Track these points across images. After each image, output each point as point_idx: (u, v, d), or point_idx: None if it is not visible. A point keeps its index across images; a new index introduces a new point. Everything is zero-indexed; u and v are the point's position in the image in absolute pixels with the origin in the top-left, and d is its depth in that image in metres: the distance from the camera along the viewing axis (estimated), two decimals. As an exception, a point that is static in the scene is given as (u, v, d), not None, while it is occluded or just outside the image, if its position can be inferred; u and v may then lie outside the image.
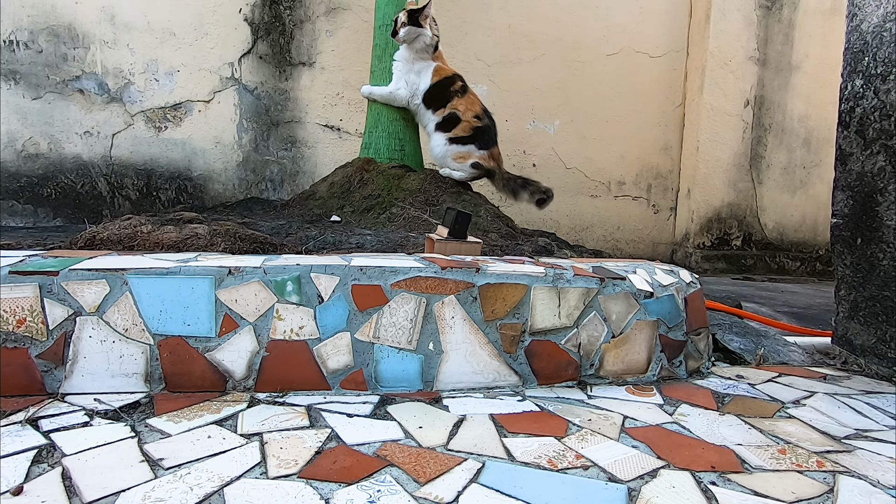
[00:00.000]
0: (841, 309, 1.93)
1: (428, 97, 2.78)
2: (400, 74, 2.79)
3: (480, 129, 2.81)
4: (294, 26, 4.01)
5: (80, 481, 0.88)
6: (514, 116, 4.56)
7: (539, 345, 1.45)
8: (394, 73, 2.80)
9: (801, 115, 5.02)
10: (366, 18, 3.97)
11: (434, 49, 2.83)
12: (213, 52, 3.87)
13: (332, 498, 0.88)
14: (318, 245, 2.02)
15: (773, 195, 5.04)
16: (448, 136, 2.75)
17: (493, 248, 2.26)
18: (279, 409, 1.22)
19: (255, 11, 3.94)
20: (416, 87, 2.78)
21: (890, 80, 1.75)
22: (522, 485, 0.95)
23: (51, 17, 3.63)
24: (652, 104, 4.88)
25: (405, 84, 2.78)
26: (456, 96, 2.79)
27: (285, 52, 3.98)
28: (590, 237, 4.87)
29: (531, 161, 4.64)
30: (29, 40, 3.61)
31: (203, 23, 3.87)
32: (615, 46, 4.73)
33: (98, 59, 3.73)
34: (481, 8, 4.39)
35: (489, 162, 2.82)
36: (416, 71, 2.78)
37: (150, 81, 3.82)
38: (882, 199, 1.76)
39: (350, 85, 4.11)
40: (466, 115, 2.77)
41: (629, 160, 4.90)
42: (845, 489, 1.00)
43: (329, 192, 2.84)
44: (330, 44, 4.08)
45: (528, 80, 4.55)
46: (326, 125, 4.12)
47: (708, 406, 1.40)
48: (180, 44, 3.84)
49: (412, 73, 2.78)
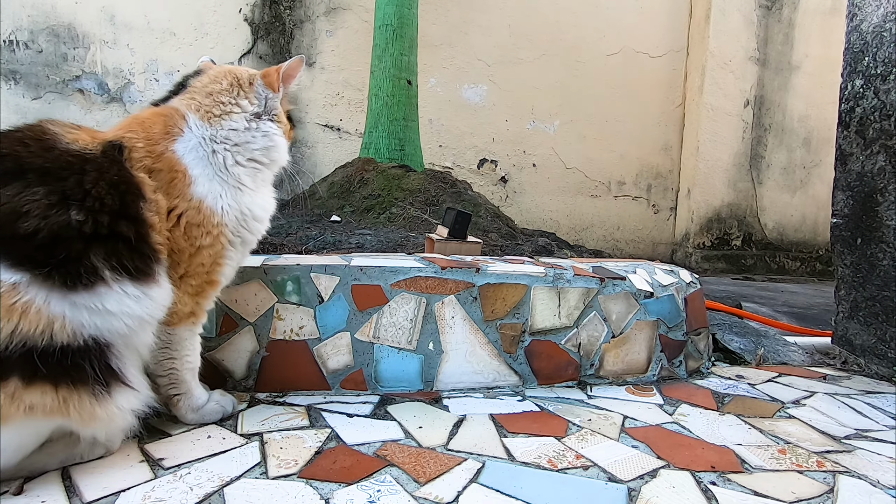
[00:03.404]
0: (841, 309, 1.93)
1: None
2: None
3: None
4: (294, 26, 4.01)
5: (79, 481, 0.88)
6: (514, 116, 4.56)
7: (539, 345, 1.45)
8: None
9: (801, 115, 5.02)
10: (366, 18, 3.97)
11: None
12: (213, 52, 3.87)
13: (332, 498, 0.88)
14: (318, 245, 2.02)
15: (773, 195, 5.04)
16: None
17: (493, 248, 2.26)
18: (279, 408, 1.22)
19: (255, 11, 3.94)
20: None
21: (890, 80, 1.75)
22: (522, 485, 0.95)
23: (51, 17, 3.63)
24: (652, 104, 4.88)
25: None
26: None
27: (285, 52, 3.98)
28: (590, 237, 4.87)
29: (531, 161, 4.64)
30: (29, 40, 3.61)
31: (203, 23, 3.87)
32: (615, 46, 4.73)
33: (98, 59, 3.73)
34: (481, 8, 4.39)
35: None
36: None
37: (150, 81, 3.82)
38: (882, 199, 1.76)
39: (350, 85, 4.11)
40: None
41: (629, 160, 4.90)
42: (845, 489, 1.00)
43: (329, 192, 2.84)
44: (330, 44, 4.08)
45: (528, 80, 4.55)
46: (326, 125, 4.12)
47: (708, 406, 1.40)
48: (180, 44, 3.84)
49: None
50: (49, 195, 0.83)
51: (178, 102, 1.08)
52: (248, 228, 1.08)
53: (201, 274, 1.04)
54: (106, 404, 0.85)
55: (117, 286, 0.86)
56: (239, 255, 1.10)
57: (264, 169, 1.13)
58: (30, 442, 0.85)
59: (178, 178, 0.99)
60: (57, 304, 0.80)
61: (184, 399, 1.09)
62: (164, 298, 0.95)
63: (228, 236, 1.05)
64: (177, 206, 0.99)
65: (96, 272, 0.84)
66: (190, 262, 1.01)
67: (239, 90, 1.11)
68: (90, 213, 0.85)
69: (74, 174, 0.86)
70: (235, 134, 1.08)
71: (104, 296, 0.85)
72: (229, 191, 1.05)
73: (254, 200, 1.09)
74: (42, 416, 0.80)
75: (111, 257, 0.86)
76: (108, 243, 0.86)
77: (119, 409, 0.87)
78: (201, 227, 1.01)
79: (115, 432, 0.92)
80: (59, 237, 0.82)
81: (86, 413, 0.83)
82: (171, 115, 1.04)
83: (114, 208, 0.88)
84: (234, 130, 1.08)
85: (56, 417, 0.82)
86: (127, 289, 0.87)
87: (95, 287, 0.84)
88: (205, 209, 1.01)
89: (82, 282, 0.83)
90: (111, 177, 0.90)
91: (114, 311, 0.86)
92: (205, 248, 1.02)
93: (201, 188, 1.01)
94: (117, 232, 0.88)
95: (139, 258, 0.90)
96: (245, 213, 1.07)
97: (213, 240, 1.02)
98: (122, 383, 0.88)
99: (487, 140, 4.50)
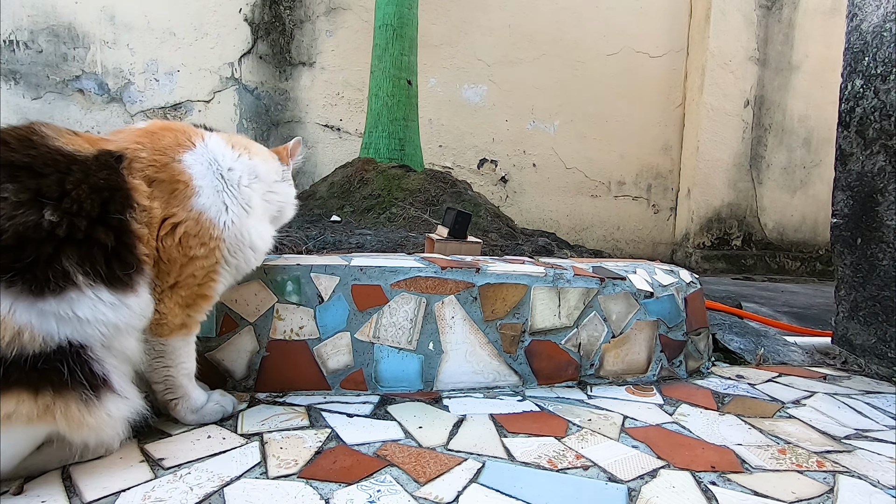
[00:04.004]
0: (841, 309, 1.93)
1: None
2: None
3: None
4: (294, 26, 4.01)
5: (79, 481, 0.88)
6: (514, 116, 4.56)
7: (539, 345, 1.45)
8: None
9: (801, 115, 5.02)
10: (366, 18, 3.97)
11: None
12: (213, 52, 3.87)
13: (332, 498, 0.88)
14: (318, 245, 2.02)
15: (773, 195, 5.04)
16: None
17: (493, 248, 2.26)
18: (279, 408, 1.22)
19: (255, 11, 3.94)
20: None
21: (890, 80, 1.75)
22: (522, 485, 0.95)
23: (51, 17, 3.63)
24: (652, 104, 4.88)
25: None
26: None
27: (285, 52, 3.98)
28: (590, 237, 4.87)
29: (531, 161, 4.64)
30: (29, 40, 3.61)
31: (203, 23, 3.87)
32: (615, 46, 4.73)
33: (98, 59, 3.73)
34: (481, 8, 4.39)
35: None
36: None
37: (150, 81, 3.82)
38: (882, 199, 1.76)
39: (350, 85, 4.11)
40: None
41: (629, 160, 4.90)
42: (845, 489, 1.00)
43: (329, 192, 2.84)
44: (330, 44, 4.08)
45: (528, 80, 4.55)
46: (326, 125, 4.12)
47: (708, 406, 1.40)
48: (180, 44, 3.84)
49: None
50: (18, 193, 0.80)
51: (212, 133, 1.14)
52: (243, 254, 1.09)
53: (192, 286, 1.03)
54: (95, 411, 0.84)
55: (91, 292, 0.84)
56: (230, 278, 1.11)
57: (272, 210, 1.21)
58: (19, 449, 0.84)
59: (180, 188, 0.99)
60: (23, 313, 0.78)
61: (182, 402, 1.09)
62: (143, 308, 0.94)
63: (224, 252, 1.05)
64: (174, 215, 0.98)
65: (67, 276, 0.81)
66: (181, 272, 1.00)
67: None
68: (66, 215, 0.83)
69: (57, 172, 0.84)
70: (265, 172, 1.16)
71: (75, 302, 0.82)
72: (236, 209, 1.06)
73: (257, 228, 1.11)
74: (25, 424, 0.79)
75: (85, 262, 0.84)
76: (83, 247, 0.84)
77: (109, 416, 0.86)
78: (197, 238, 1.00)
79: (106, 440, 0.90)
80: (25, 238, 0.79)
81: (74, 421, 0.82)
82: (184, 131, 1.06)
83: (93, 213, 0.86)
84: (266, 170, 1.17)
85: (41, 425, 0.81)
86: (102, 295, 0.85)
87: (66, 292, 0.81)
88: (204, 220, 1.01)
89: (50, 287, 0.80)
90: (97, 180, 0.88)
91: (87, 319, 0.83)
92: (198, 258, 1.01)
93: (204, 200, 1.02)
94: (94, 237, 0.85)
95: (118, 264, 0.88)
96: (244, 236, 1.08)
97: (207, 252, 1.02)
98: (110, 390, 0.87)
99: (487, 140, 4.50)
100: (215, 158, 1.06)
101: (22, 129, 0.87)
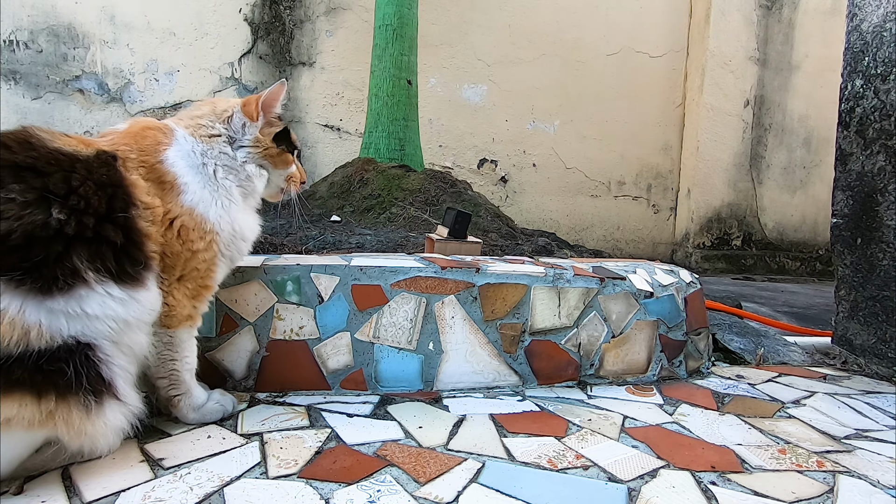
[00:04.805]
0: (841, 309, 1.93)
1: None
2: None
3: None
4: (294, 26, 4.01)
5: (79, 481, 0.88)
6: (514, 116, 4.56)
7: (539, 345, 1.45)
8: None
9: (801, 114, 5.02)
10: (366, 18, 3.97)
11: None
12: (213, 51, 3.88)
13: (332, 498, 0.88)
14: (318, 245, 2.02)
15: (773, 195, 5.04)
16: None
17: (493, 248, 2.26)
18: (279, 408, 1.22)
19: (255, 11, 3.94)
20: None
21: (890, 80, 1.75)
22: (522, 485, 0.95)
23: (51, 17, 3.64)
24: (652, 104, 4.88)
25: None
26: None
27: (285, 52, 3.98)
28: (590, 237, 4.87)
29: (531, 161, 4.64)
30: (29, 40, 3.61)
31: (203, 23, 3.87)
32: (615, 46, 4.73)
33: (98, 58, 3.73)
34: (481, 8, 4.39)
35: None
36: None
37: (150, 81, 3.82)
38: (882, 199, 1.76)
39: (350, 85, 4.11)
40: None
41: (629, 160, 4.90)
42: (845, 489, 1.00)
43: (329, 192, 2.84)
44: (330, 44, 4.08)
45: (528, 80, 4.55)
46: (326, 125, 4.12)
47: (708, 406, 1.40)
48: (180, 44, 3.84)
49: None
50: (25, 192, 0.80)
51: (167, 121, 1.12)
52: (235, 245, 1.11)
53: (196, 278, 1.05)
54: (94, 420, 0.84)
55: (101, 288, 0.85)
56: (225, 269, 1.13)
57: (248, 196, 1.16)
58: (17, 453, 0.84)
59: (167, 187, 1.01)
60: (32, 312, 0.78)
61: (184, 399, 1.10)
62: (152, 302, 0.95)
63: (220, 245, 1.07)
64: (171, 211, 1.00)
65: (77, 273, 0.82)
66: (186, 265, 1.02)
67: (216, 117, 1.15)
68: (74, 212, 0.83)
69: (62, 171, 0.85)
70: (227, 158, 1.11)
71: (84, 299, 0.82)
72: (220, 201, 1.08)
73: (244, 219, 1.12)
74: (25, 429, 0.79)
75: (95, 259, 0.84)
76: (93, 244, 0.84)
77: (105, 425, 0.85)
78: (196, 231, 1.02)
79: (99, 450, 0.89)
80: (34, 238, 0.79)
81: (73, 428, 0.82)
82: (160, 129, 1.07)
83: (100, 209, 0.86)
84: (225, 154, 1.11)
85: (41, 431, 0.81)
86: (112, 291, 0.86)
87: (75, 289, 0.81)
88: (196, 215, 1.03)
89: (59, 285, 0.80)
90: (100, 176, 0.89)
91: (96, 315, 0.84)
92: (200, 252, 1.03)
93: (191, 195, 1.03)
94: (103, 233, 0.86)
95: (127, 260, 0.89)
96: (236, 229, 1.09)
97: (206, 245, 1.04)
98: (113, 396, 0.87)
99: (487, 140, 4.50)
100: (189, 152, 1.07)
101: (18, 133, 0.87)
